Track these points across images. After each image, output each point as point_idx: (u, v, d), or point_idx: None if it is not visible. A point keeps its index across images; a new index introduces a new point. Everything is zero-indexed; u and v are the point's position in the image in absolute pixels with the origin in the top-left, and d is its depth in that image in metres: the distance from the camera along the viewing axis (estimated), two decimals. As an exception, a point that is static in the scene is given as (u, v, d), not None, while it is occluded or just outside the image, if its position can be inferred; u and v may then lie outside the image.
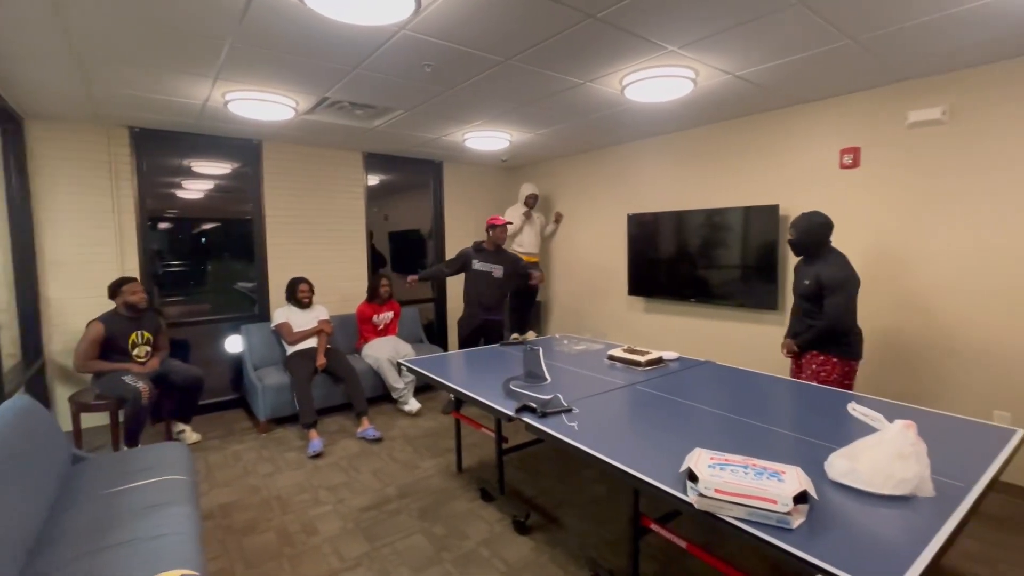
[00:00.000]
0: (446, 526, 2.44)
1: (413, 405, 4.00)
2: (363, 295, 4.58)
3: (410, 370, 2.90)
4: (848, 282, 2.58)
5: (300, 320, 3.98)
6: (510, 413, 2.05)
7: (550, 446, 1.84)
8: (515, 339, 3.45)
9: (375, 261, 5.33)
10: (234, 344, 4.31)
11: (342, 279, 4.85)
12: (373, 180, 5.17)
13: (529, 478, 2.90)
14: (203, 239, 4.84)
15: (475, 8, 2.04)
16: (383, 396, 4.22)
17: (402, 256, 5.99)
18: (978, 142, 2.75)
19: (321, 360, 3.81)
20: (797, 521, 1.23)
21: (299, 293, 4.01)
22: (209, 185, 4.62)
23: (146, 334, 3.35)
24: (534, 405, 2.05)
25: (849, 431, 1.69)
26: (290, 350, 3.90)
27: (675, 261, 4.22)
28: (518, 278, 4.14)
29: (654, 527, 1.75)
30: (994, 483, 1.49)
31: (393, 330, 4.49)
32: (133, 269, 3.82)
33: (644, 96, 2.99)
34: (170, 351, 3.60)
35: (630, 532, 1.79)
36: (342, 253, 4.86)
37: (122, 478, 2.11)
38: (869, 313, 3.19)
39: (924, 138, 2.94)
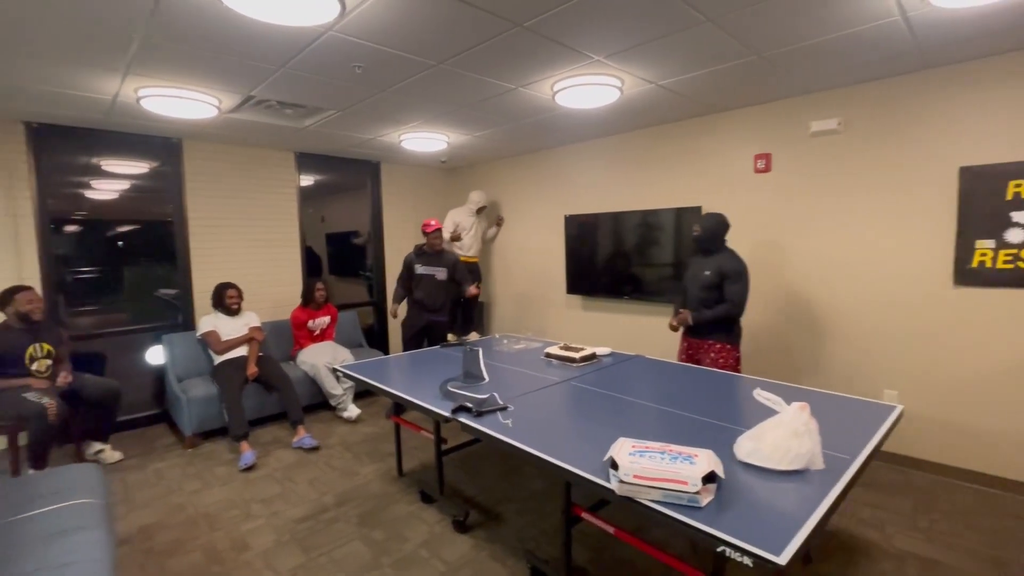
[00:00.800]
0: (385, 531, 2.43)
1: (352, 411, 3.92)
2: (298, 300, 4.43)
3: (347, 376, 2.85)
4: (746, 273, 2.87)
5: (229, 328, 3.79)
6: (446, 414, 2.07)
7: (490, 445, 1.88)
8: (452, 340, 3.46)
9: (311, 264, 5.17)
10: (155, 355, 4.04)
11: (275, 284, 4.67)
12: (307, 181, 5.01)
13: (470, 477, 2.94)
14: (120, 243, 4.50)
15: (402, 13, 2.04)
16: (321, 403, 4.11)
17: (340, 258, 5.83)
18: (868, 150, 3.07)
19: (252, 369, 3.65)
20: (706, 499, 1.35)
21: (227, 299, 3.82)
22: (124, 185, 4.29)
23: (46, 346, 3.08)
24: (470, 405, 2.09)
25: (757, 415, 1.86)
26: (218, 359, 3.71)
27: (611, 260, 4.39)
28: (456, 283, 4.18)
29: (585, 516, 1.83)
30: (875, 454, 1.69)
31: (330, 335, 4.37)
32: (33, 277, 3.50)
33: (574, 102, 3.10)
34: (85, 365, 3.33)
35: (562, 522, 1.86)
36: (274, 256, 4.67)
37: (25, 504, 1.94)
38: (779, 303, 3.48)
39: (824, 146, 3.24)
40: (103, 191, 4.23)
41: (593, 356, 2.94)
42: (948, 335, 2.85)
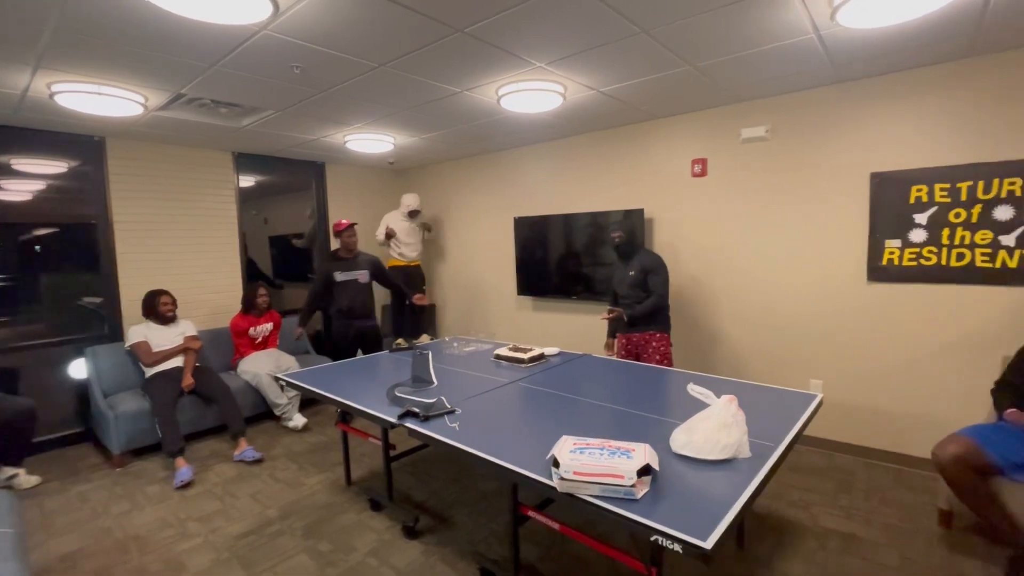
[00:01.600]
0: (332, 541, 2.37)
1: (298, 421, 3.80)
2: (238, 306, 4.24)
3: (290, 385, 2.77)
4: (664, 266, 3.19)
5: (161, 338, 3.58)
6: (392, 420, 2.05)
7: (439, 449, 1.88)
8: (399, 344, 3.43)
9: (253, 268, 4.96)
10: (78, 369, 3.75)
11: (212, 290, 4.45)
12: (248, 182, 4.81)
13: (421, 482, 2.92)
14: (36, 247, 4.14)
15: (340, 15, 2.01)
16: (265, 414, 3.95)
17: (285, 261, 5.62)
18: (792, 156, 3.29)
19: (188, 380, 3.46)
20: (641, 492, 1.41)
21: (160, 307, 3.61)
22: (40, 186, 3.96)
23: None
24: (417, 410, 2.08)
25: (693, 408, 1.95)
26: (150, 372, 3.50)
27: (560, 261, 4.47)
28: (386, 281, 4.10)
29: (532, 514, 1.87)
30: (797, 440, 1.82)
31: (274, 343, 4.22)
32: (-69, 288, 3.18)
33: (519, 107, 3.14)
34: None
35: (510, 522, 1.89)
36: (212, 261, 4.45)
37: (-81, 540, 1.76)
38: (715, 300, 3.67)
39: (754, 152, 3.44)
40: (15, 192, 3.89)
41: (541, 356, 2.99)
42: (864, 327, 3.10)
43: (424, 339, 3.66)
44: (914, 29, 2.29)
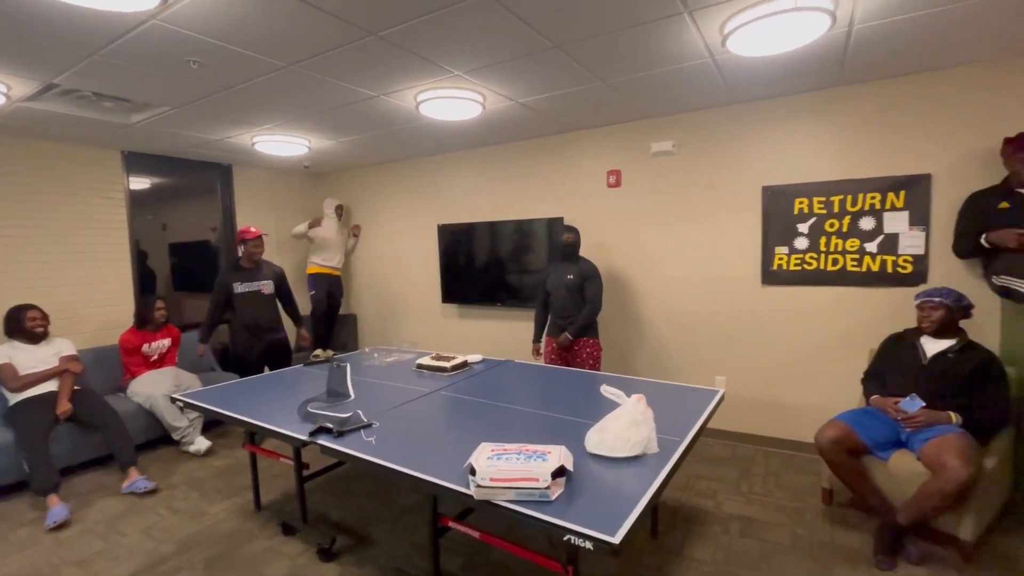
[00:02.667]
0: (239, 571, 2.19)
1: (201, 444, 3.48)
2: (129, 321, 3.83)
3: (188, 405, 2.54)
4: (600, 275, 3.36)
5: (30, 359, 3.14)
6: (303, 437, 1.95)
7: (357, 465, 1.80)
8: (316, 357, 3.27)
9: (149, 279, 4.51)
10: (-80, 400, 3.19)
11: (98, 303, 3.99)
12: (141, 183, 4.37)
13: (338, 501, 2.78)
14: None
15: (239, 8, 1.89)
16: (162, 439, 3.59)
17: (188, 271, 5.16)
18: (697, 169, 3.55)
19: (64, 406, 3.05)
20: (556, 493, 1.44)
21: (26, 324, 3.17)
22: None
23: None
24: (330, 425, 1.99)
25: (607, 409, 2.03)
26: (15, 398, 3.05)
27: (486, 268, 4.48)
28: (286, 298, 3.97)
29: (452, 524, 1.85)
30: (701, 433, 1.95)
31: (172, 360, 3.84)
32: None
33: (438, 114, 3.13)
34: None
35: (430, 534, 1.86)
36: (97, 271, 3.99)
37: None
38: (629, 305, 3.86)
39: (663, 165, 3.68)
40: None
41: (465, 364, 2.98)
42: (760, 327, 3.40)
43: (328, 353, 3.40)
44: (791, 60, 2.57)
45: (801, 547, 2.27)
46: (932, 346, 2.42)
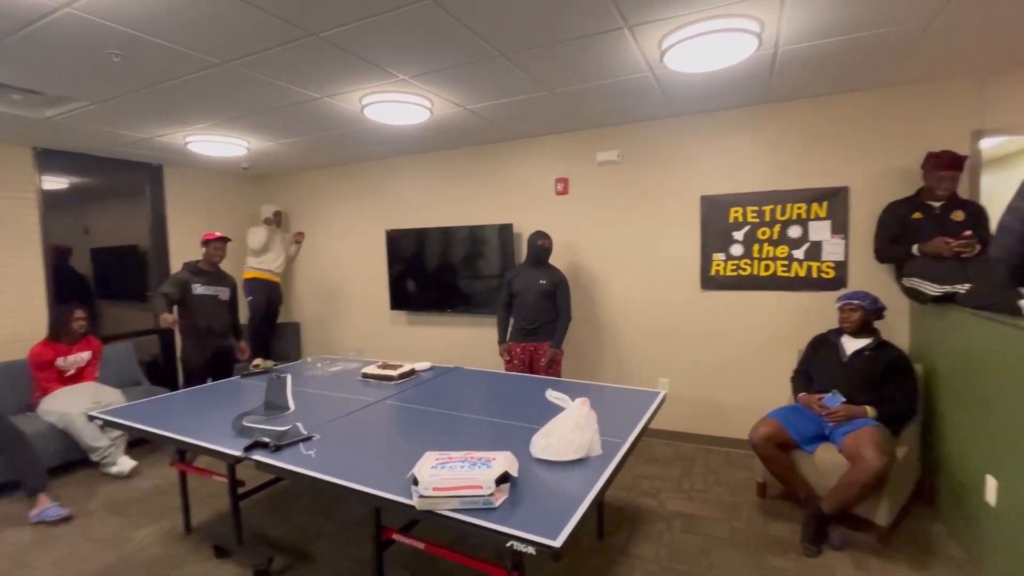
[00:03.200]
0: (165, 602, 2.05)
1: (124, 465, 3.22)
2: (42, 332, 3.51)
3: (109, 423, 2.35)
4: (568, 283, 3.45)
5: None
6: (236, 453, 1.85)
7: (295, 480, 1.72)
8: (256, 367, 3.12)
9: (67, 287, 4.15)
10: None
11: (4, 313, 3.63)
12: (57, 183, 4.03)
13: (278, 518, 2.66)
14: None
15: (165, 1, 1.79)
16: (80, 461, 3.29)
17: (112, 278, 4.78)
18: (640, 179, 3.68)
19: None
20: (500, 500, 1.43)
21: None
22: None
23: None
24: (267, 440, 1.90)
25: (554, 413, 2.05)
26: (-99, 422, 2.72)
27: (436, 275, 4.43)
28: (233, 309, 3.81)
29: (396, 537, 1.80)
30: (643, 433, 2.01)
31: (91, 375, 3.55)
32: None
33: (384, 118, 3.08)
34: None
35: (373, 548, 1.80)
36: (3, 277, 3.64)
37: None
38: (576, 310, 3.93)
39: (608, 173, 3.78)
40: None
41: (412, 372, 2.93)
42: (700, 330, 3.55)
43: (268, 363, 3.25)
44: (724, 77, 2.72)
45: (737, 540, 2.38)
46: (851, 345, 2.61)
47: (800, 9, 2.01)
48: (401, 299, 4.63)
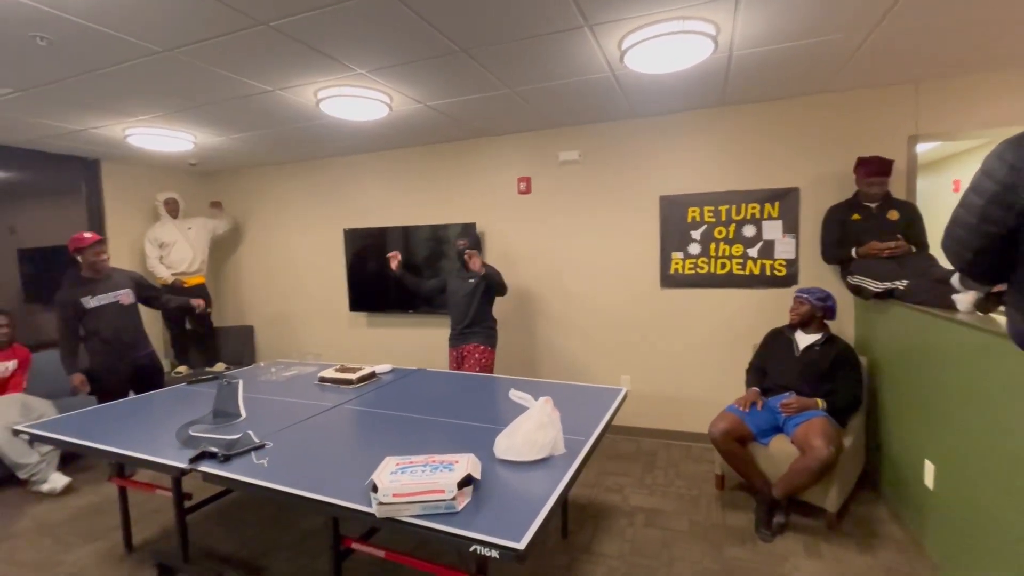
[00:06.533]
0: (102, 628, 1.90)
1: (56, 482, 2.97)
2: (-41, 341, 3.21)
3: (37, 438, 2.17)
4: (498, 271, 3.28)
5: None
6: (181, 465, 1.73)
7: (246, 491, 1.63)
8: (179, 373, 2.91)
9: (-13, 291, 3.82)
10: None
11: (-85, 321, 3.30)
12: (-24, 179, 3.71)
13: (229, 532, 2.52)
14: None
15: (100, -21, 1.67)
16: (6, 479, 3.03)
17: (42, 280, 4.44)
18: (600, 178, 3.71)
19: None
20: (463, 503, 1.40)
21: None
22: None
23: None
24: (215, 449, 1.79)
25: (517, 413, 2.03)
26: None
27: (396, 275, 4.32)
28: (152, 299, 3.46)
29: (355, 546, 1.74)
30: (607, 431, 2.02)
31: (18, 386, 3.27)
32: None
33: (341, 113, 2.98)
34: None
35: (331, 558, 1.73)
36: (-86, 283, 3.31)
37: None
38: (536, 309, 3.94)
39: (570, 173, 3.80)
40: None
41: (372, 375, 2.85)
42: (659, 327, 3.62)
43: (219, 367, 3.03)
44: (681, 79, 2.77)
45: (697, 532, 2.43)
46: (803, 340, 2.72)
47: (753, 14, 2.07)
48: (361, 300, 4.51)
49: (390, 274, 3.47)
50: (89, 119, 3.17)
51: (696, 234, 3.48)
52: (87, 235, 3.12)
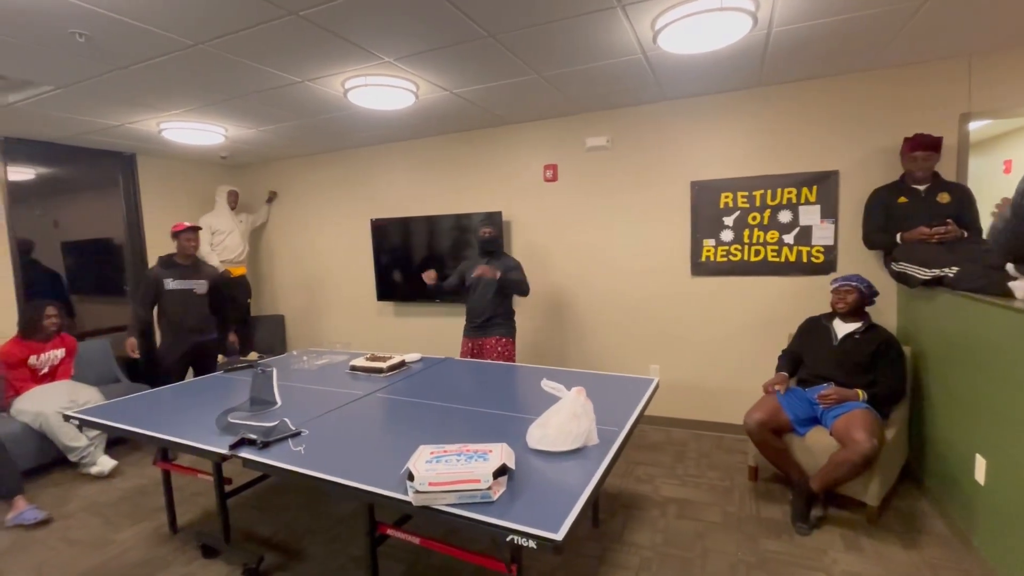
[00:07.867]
0: (151, 605, 1.98)
1: (105, 465, 3.11)
2: (12, 330, 3.36)
3: (85, 423, 2.26)
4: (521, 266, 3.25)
5: None
6: (222, 451, 1.78)
7: (284, 477, 1.67)
8: (251, 359, 3.02)
9: (38, 282, 3.99)
10: None
11: (-29, 311, 3.48)
12: (22, 174, 3.85)
13: (267, 516, 2.60)
14: None
15: (136, -27, 1.69)
16: (58, 462, 3.19)
17: (87, 272, 4.62)
18: (630, 165, 3.63)
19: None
20: (498, 493, 1.40)
21: None
22: None
23: None
24: (254, 436, 1.83)
25: (548, 403, 2.02)
26: None
27: (423, 264, 4.33)
28: (219, 303, 3.69)
29: (391, 532, 1.76)
30: (639, 421, 1.99)
31: (66, 373, 3.42)
32: None
33: (368, 102, 2.98)
34: None
35: (367, 544, 1.76)
36: (-32, 275, 3.48)
37: None
38: (564, 297, 3.90)
39: (597, 159, 3.73)
40: None
41: (402, 364, 2.88)
42: (690, 316, 3.54)
43: (252, 356, 3.29)
44: (716, 59, 2.67)
45: (731, 523, 2.39)
46: (842, 328, 2.62)
47: (795, -13, 1.97)
48: (388, 290, 4.55)
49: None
50: (125, 114, 3.25)
51: (729, 220, 3.38)
52: (184, 223, 3.45)
